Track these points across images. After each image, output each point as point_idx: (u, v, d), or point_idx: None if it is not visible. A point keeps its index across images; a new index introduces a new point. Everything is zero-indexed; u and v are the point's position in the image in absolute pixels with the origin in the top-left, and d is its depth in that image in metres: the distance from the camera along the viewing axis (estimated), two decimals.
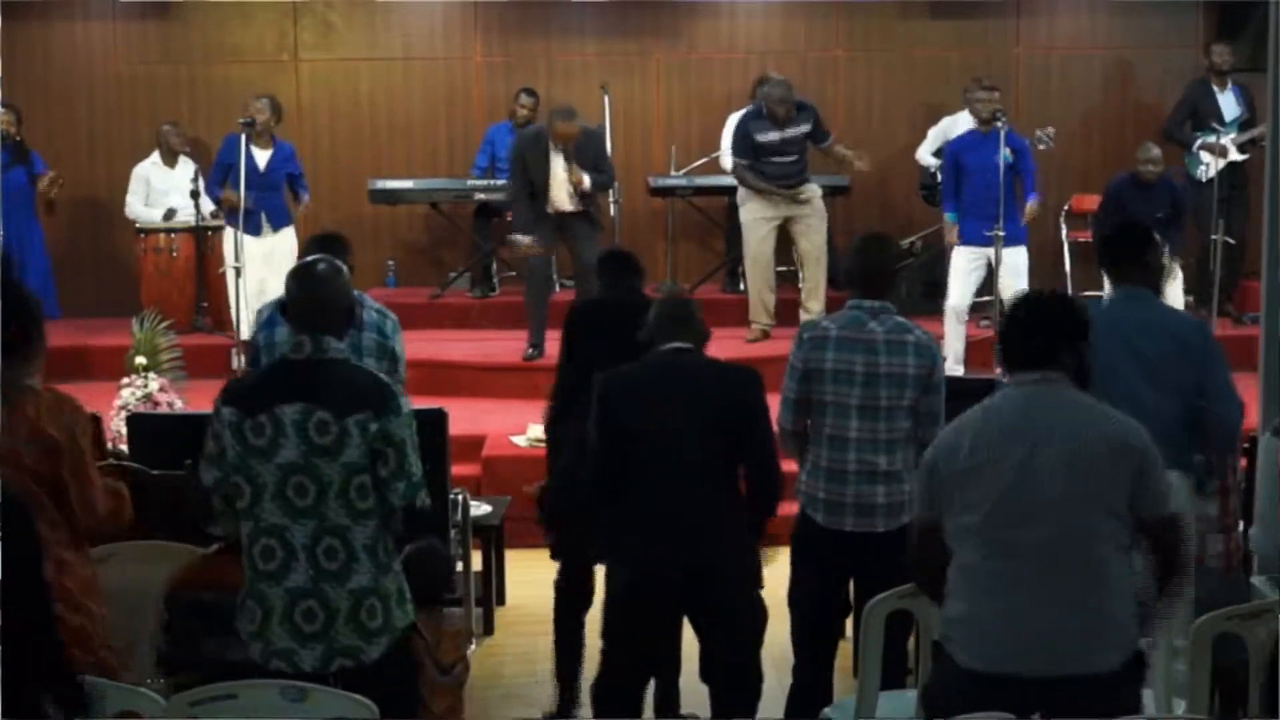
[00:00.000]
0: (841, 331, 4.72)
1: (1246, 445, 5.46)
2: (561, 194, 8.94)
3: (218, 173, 9.43)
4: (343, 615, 3.84)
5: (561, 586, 5.41)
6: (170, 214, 10.09)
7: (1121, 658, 3.55)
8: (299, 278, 4.01)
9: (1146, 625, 3.67)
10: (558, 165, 8.90)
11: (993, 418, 3.65)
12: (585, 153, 8.94)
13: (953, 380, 5.10)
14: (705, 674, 4.66)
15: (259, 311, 5.79)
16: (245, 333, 8.85)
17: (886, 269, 4.85)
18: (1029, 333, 3.69)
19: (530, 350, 9.16)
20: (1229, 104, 10.33)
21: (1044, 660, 3.51)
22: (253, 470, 3.84)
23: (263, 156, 9.34)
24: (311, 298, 3.94)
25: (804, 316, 8.96)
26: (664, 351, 4.57)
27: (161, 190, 10.20)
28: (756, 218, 9.43)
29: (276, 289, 6.77)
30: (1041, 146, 9.59)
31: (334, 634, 3.84)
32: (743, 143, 9.40)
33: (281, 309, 4.09)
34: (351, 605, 3.84)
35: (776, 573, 4.92)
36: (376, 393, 3.84)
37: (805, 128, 9.34)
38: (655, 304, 4.71)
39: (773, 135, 9.30)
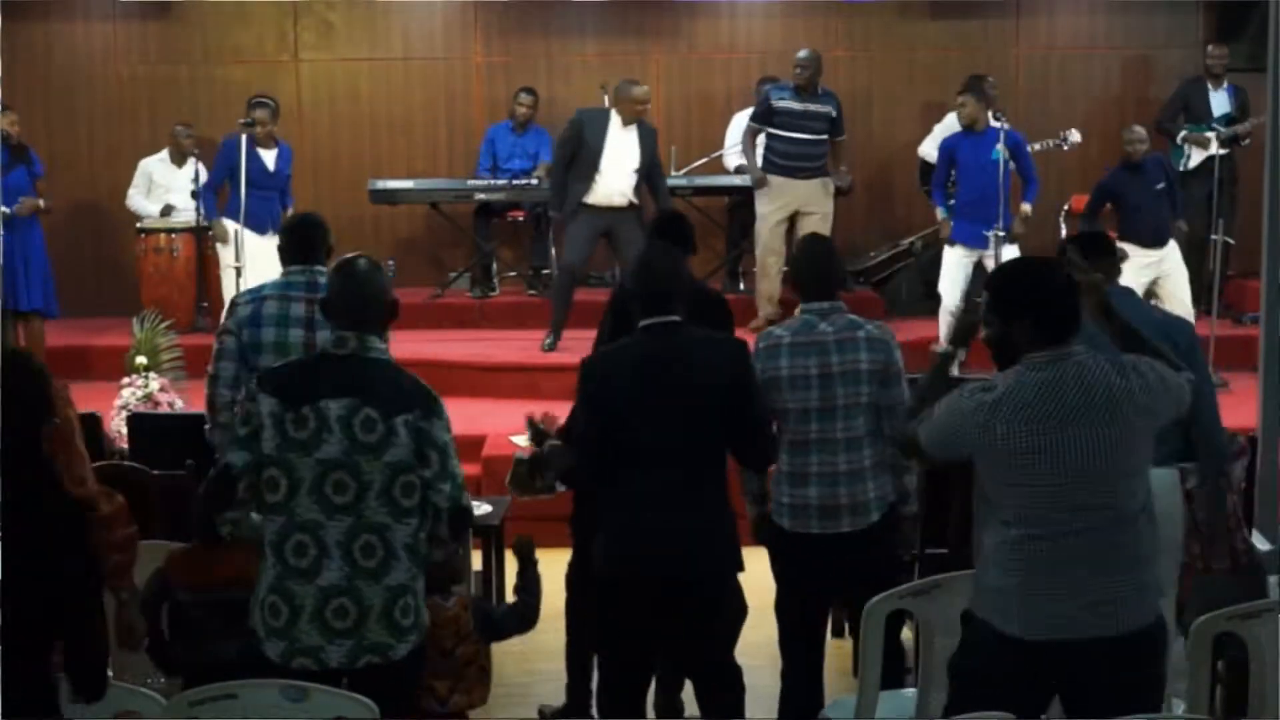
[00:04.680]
0: (795, 338, 4.73)
1: (1246, 444, 5.47)
2: (617, 180, 8.77)
3: (219, 175, 9.39)
4: (375, 612, 3.83)
5: (573, 579, 5.31)
6: (168, 209, 10.10)
7: (1156, 614, 3.66)
8: (342, 274, 4.02)
9: None
10: (619, 143, 8.78)
11: (1048, 395, 3.59)
12: (646, 144, 8.86)
13: (951, 380, 5.09)
14: (687, 670, 4.64)
15: (233, 303, 5.40)
16: None
17: (830, 269, 4.85)
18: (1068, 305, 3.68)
19: (548, 341, 9.16)
20: (1220, 102, 10.50)
21: (1095, 624, 3.57)
22: (291, 464, 3.82)
23: (270, 157, 9.33)
24: (355, 294, 3.94)
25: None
26: (649, 328, 4.40)
27: (163, 187, 10.22)
28: (771, 209, 9.44)
29: None
30: (1066, 147, 9.63)
31: (364, 631, 3.83)
32: (759, 106, 9.50)
33: (323, 305, 4.07)
34: (386, 602, 3.83)
35: (760, 573, 4.90)
36: (421, 395, 3.87)
37: (830, 109, 9.37)
38: (632, 273, 4.51)
39: (793, 104, 9.32)
